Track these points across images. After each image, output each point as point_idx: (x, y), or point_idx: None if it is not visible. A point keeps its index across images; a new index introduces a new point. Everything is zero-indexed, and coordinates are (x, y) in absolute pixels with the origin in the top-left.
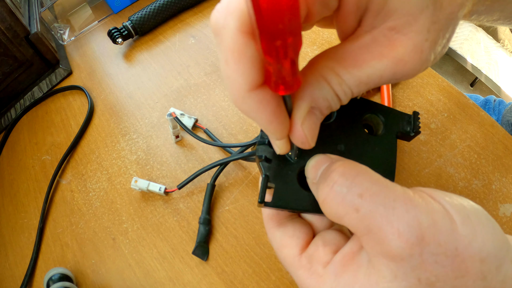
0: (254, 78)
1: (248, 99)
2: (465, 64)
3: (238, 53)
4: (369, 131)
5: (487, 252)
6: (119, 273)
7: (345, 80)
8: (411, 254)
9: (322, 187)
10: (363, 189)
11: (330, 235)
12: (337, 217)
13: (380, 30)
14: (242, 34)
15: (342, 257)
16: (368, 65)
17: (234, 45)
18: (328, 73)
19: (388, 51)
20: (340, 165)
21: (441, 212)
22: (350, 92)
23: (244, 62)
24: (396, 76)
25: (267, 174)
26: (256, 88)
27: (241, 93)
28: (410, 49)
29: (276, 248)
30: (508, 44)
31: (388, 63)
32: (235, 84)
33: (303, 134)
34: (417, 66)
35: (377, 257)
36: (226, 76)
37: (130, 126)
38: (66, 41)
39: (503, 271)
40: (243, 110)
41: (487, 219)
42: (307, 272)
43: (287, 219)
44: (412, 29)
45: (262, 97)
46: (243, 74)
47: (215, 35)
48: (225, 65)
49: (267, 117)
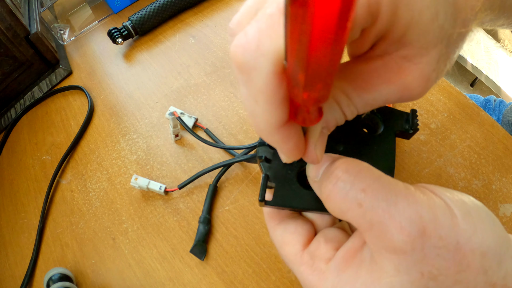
0: (283, 117)
1: (275, 135)
2: (465, 64)
3: (270, 95)
4: (368, 131)
5: (488, 246)
6: (119, 273)
7: (354, 101)
8: (413, 247)
9: (326, 184)
10: (366, 184)
11: (332, 232)
12: (341, 213)
13: (392, 57)
14: (276, 77)
15: (344, 253)
16: (376, 89)
17: (267, 87)
18: (339, 95)
19: (397, 78)
20: (343, 162)
21: (442, 207)
22: (356, 112)
23: (276, 104)
24: (400, 100)
25: (267, 173)
26: (283, 125)
27: (269, 129)
28: (418, 78)
29: (278, 245)
30: (508, 44)
31: (395, 89)
32: (264, 121)
33: (315, 155)
34: (422, 93)
35: (380, 252)
36: (253, 113)
37: (130, 126)
38: (66, 41)
39: (504, 267)
40: (268, 141)
41: (487, 215)
42: (309, 268)
43: (288, 217)
44: (423, 60)
45: (288, 132)
46: (273, 114)
47: (241, 72)
48: (254, 104)
49: (290, 147)
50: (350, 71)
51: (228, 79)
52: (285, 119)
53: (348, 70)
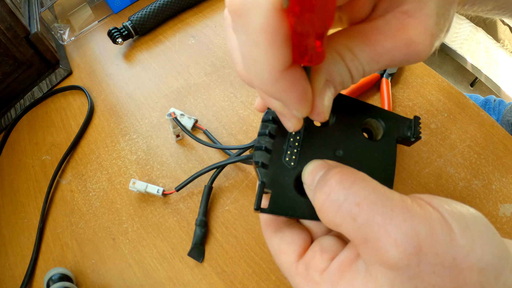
0: (288, 57)
1: (281, 80)
2: (465, 64)
3: (273, 32)
4: (369, 136)
5: (486, 262)
6: (119, 273)
7: (358, 56)
8: (408, 264)
9: (319, 195)
10: (360, 197)
11: (327, 241)
12: (334, 225)
13: (393, 13)
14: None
15: (339, 264)
16: (380, 44)
17: (269, 24)
18: (342, 49)
19: (401, 33)
20: (337, 172)
21: (440, 222)
22: (362, 69)
23: (279, 41)
24: (407, 57)
25: (264, 180)
26: (288, 68)
27: (274, 74)
28: (421, 32)
29: (274, 254)
30: (508, 44)
31: (400, 44)
32: (268, 66)
33: (321, 106)
34: (427, 48)
35: (374, 266)
36: (254, 59)
37: (130, 126)
38: (66, 41)
39: (502, 281)
40: (274, 91)
41: (486, 228)
42: (304, 279)
43: (285, 225)
44: (423, 13)
45: (294, 76)
46: (277, 54)
47: (237, 15)
48: (254, 48)
49: (298, 95)
50: (353, 30)
51: (228, 79)
52: (290, 61)
53: (351, 30)
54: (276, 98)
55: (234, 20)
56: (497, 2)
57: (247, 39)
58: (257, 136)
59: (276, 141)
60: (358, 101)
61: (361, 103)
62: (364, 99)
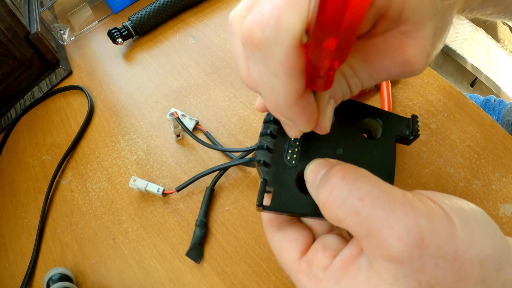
0: (303, 86)
1: (295, 106)
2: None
3: (291, 67)
4: (368, 135)
5: (486, 255)
6: (119, 273)
7: (358, 74)
8: (411, 257)
9: (322, 191)
10: (363, 192)
11: (330, 239)
12: (337, 221)
13: (392, 33)
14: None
15: (342, 261)
16: (379, 63)
17: (289, 59)
18: (344, 67)
19: (398, 53)
20: (340, 169)
21: (441, 215)
22: (361, 84)
23: (297, 74)
24: (403, 74)
25: (266, 178)
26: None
27: (289, 102)
28: (418, 52)
29: (276, 252)
30: (508, 44)
31: (397, 63)
32: (284, 94)
33: (324, 123)
34: (422, 66)
35: (377, 260)
36: (272, 89)
37: (130, 126)
38: (66, 41)
39: (503, 275)
40: (286, 115)
41: (487, 222)
42: (307, 276)
43: (286, 223)
44: (420, 35)
45: (306, 102)
46: (294, 85)
47: (257, 49)
48: (272, 78)
49: (308, 117)
50: (354, 48)
51: (228, 79)
52: (303, 89)
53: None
54: (288, 119)
55: (253, 52)
56: (497, 7)
57: (266, 69)
58: (259, 136)
59: (277, 140)
60: (357, 102)
61: (360, 104)
62: (364, 99)
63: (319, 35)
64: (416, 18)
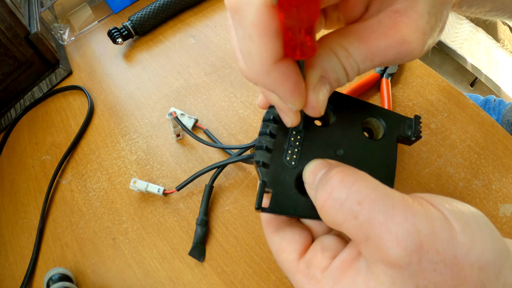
0: (279, 50)
1: (273, 72)
2: (465, 64)
3: (265, 26)
4: (370, 135)
5: (486, 260)
6: (119, 273)
7: (352, 54)
8: (409, 261)
9: (321, 194)
10: (361, 195)
11: (329, 240)
12: (335, 224)
13: (385, 13)
14: (268, 9)
15: (341, 263)
16: (374, 43)
17: (260, 19)
18: (336, 47)
19: (393, 32)
20: (338, 171)
21: (440, 220)
22: (357, 67)
23: (270, 35)
24: (400, 56)
25: (265, 179)
26: (280, 60)
27: (266, 66)
28: (413, 30)
29: (275, 252)
30: (508, 44)
31: (393, 42)
32: (261, 58)
33: (315, 100)
34: (420, 46)
35: (376, 264)
36: (248, 52)
37: (130, 126)
38: (66, 41)
39: (502, 279)
40: (267, 83)
41: (486, 226)
42: (305, 277)
43: (285, 224)
44: (414, 12)
45: (286, 68)
46: (269, 47)
47: (234, 12)
48: (248, 41)
49: (290, 87)
50: (347, 30)
51: (228, 79)
52: (281, 54)
53: (345, 30)
54: (270, 90)
55: (232, 16)
56: (495, 3)
57: (243, 33)
58: (258, 136)
59: (277, 140)
60: (359, 101)
61: (361, 103)
62: (364, 99)
63: None
64: None
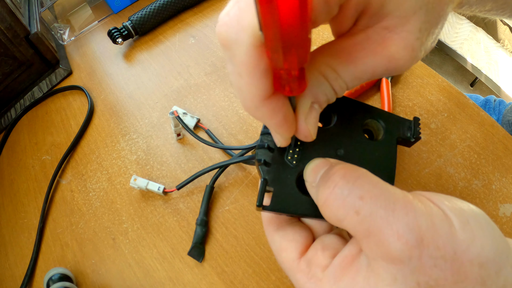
0: (267, 88)
1: (262, 108)
2: (465, 64)
3: (252, 67)
4: (369, 136)
5: (486, 257)
6: (119, 273)
7: (341, 75)
8: (410, 256)
9: (323, 190)
10: (364, 191)
11: (329, 239)
12: (337, 220)
13: (374, 29)
14: (256, 49)
15: (341, 261)
16: (362, 62)
17: (249, 59)
18: (326, 69)
19: (381, 49)
20: (341, 168)
21: (440, 216)
22: (346, 86)
23: (258, 75)
24: (388, 72)
25: (266, 177)
26: (268, 97)
27: (255, 103)
28: (402, 48)
29: (275, 251)
30: (508, 44)
31: (381, 60)
32: (249, 95)
33: (307, 130)
34: (408, 62)
35: (377, 260)
36: (239, 88)
37: (130, 126)
38: (66, 41)
39: (503, 276)
40: (256, 117)
41: (486, 223)
42: (306, 276)
43: (286, 223)
44: (404, 29)
45: (274, 105)
46: (257, 86)
47: (225, 49)
48: (238, 78)
49: (279, 121)
50: (335, 47)
51: (228, 79)
52: (270, 91)
53: (333, 47)
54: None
55: (224, 51)
56: (496, 2)
57: (233, 69)
58: (260, 135)
59: None
60: (359, 103)
61: (362, 105)
62: (364, 99)
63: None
64: (399, 12)
